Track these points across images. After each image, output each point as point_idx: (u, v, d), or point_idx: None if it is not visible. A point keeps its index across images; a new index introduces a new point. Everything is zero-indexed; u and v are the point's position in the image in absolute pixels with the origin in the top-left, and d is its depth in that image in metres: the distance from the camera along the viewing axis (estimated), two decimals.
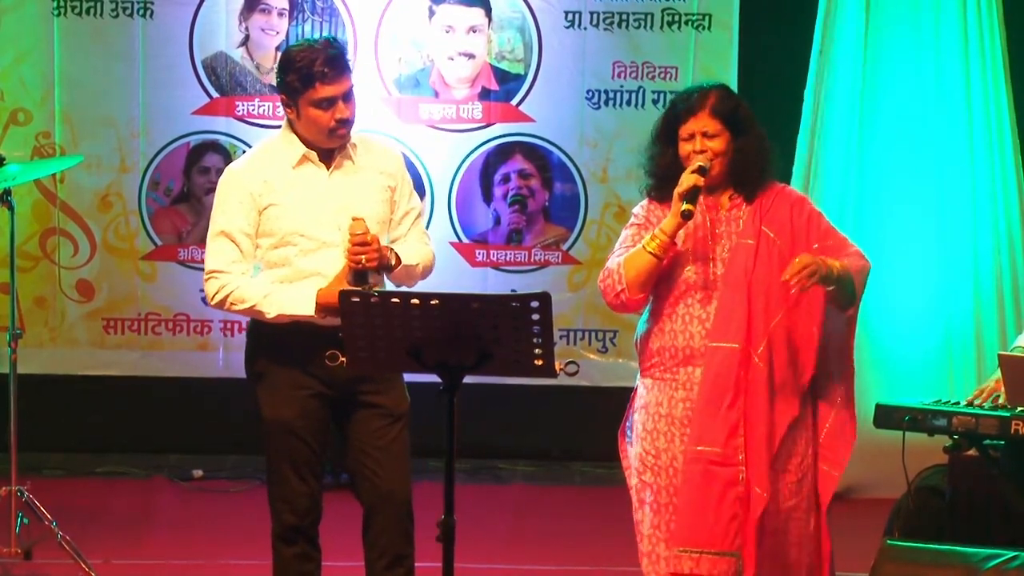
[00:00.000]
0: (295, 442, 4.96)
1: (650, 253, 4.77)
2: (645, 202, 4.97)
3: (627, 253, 4.83)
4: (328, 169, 4.97)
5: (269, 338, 4.97)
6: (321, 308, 4.84)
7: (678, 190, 4.73)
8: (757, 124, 4.91)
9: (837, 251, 4.84)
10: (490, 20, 8.01)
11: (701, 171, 4.75)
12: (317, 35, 7.52)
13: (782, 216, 4.85)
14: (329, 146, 4.96)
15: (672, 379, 4.84)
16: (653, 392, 4.87)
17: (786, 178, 6.18)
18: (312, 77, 4.85)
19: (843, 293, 4.78)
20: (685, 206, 4.70)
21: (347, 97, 4.89)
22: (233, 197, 4.94)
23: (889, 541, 5.25)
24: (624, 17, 7.99)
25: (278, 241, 4.93)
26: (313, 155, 4.95)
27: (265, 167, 4.97)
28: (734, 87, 6.64)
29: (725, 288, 4.79)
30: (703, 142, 4.80)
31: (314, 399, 4.96)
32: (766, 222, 4.84)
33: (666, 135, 4.89)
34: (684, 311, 4.83)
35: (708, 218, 4.86)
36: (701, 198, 4.79)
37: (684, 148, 4.82)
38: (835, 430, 4.91)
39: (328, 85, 4.86)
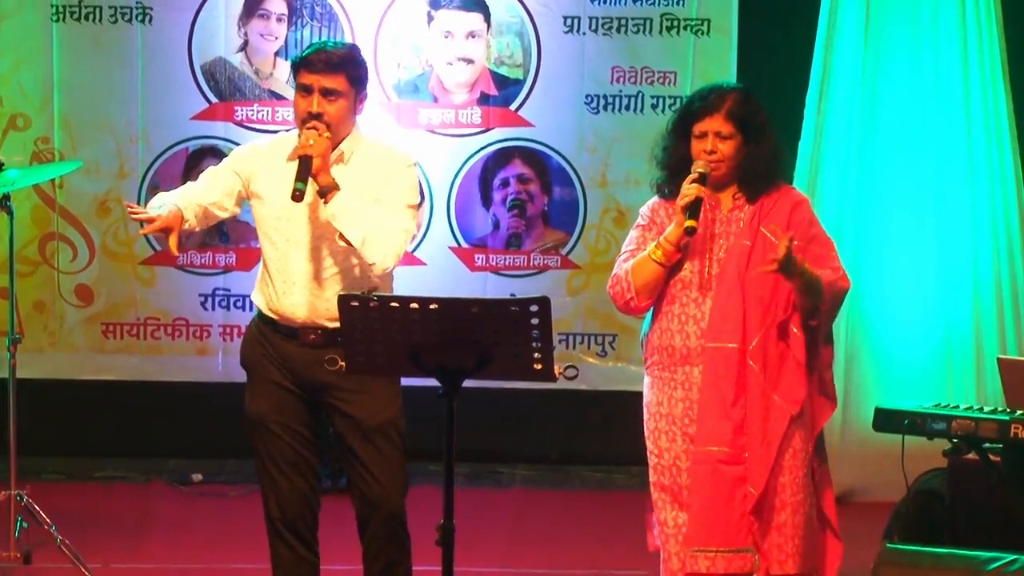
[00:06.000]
0: (271, 437, 5.00)
1: (655, 262, 4.81)
2: (653, 200, 4.98)
3: (633, 259, 4.86)
4: None
5: (253, 333, 5.04)
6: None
7: (680, 202, 4.75)
8: (772, 132, 4.92)
9: (818, 260, 4.85)
10: (489, 25, 8.01)
11: (701, 179, 4.76)
12: (316, 40, 7.52)
13: (782, 217, 4.86)
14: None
15: (670, 378, 4.88)
16: (653, 391, 4.92)
17: (789, 182, 6.18)
18: (299, 63, 4.93)
19: (807, 296, 4.77)
20: (688, 222, 4.72)
21: (327, 93, 4.86)
22: (228, 161, 5.07)
23: (889, 544, 5.27)
24: (623, 22, 7.98)
25: (260, 229, 5.01)
26: None
27: (264, 154, 5.03)
28: None
29: (719, 288, 4.82)
30: (715, 143, 4.81)
31: (289, 394, 4.99)
32: (765, 223, 4.85)
33: (681, 129, 4.89)
34: (680, 310, 4.86)
35: (709, 217, 4.87)
36: (705, 204, 4.79)
37: (696, 146, 4.83)
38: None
39: (309, 73, 4.88)
